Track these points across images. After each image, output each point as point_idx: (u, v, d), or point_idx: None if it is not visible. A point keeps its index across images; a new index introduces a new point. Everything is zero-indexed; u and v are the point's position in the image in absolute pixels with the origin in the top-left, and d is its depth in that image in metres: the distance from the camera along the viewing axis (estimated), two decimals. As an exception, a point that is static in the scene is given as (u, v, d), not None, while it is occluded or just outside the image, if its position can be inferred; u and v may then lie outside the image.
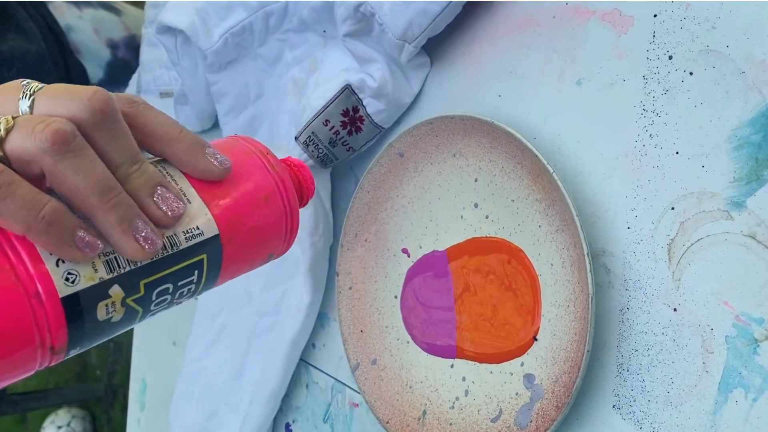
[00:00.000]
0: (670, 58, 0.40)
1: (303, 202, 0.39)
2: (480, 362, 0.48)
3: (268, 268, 0.65)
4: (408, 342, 0.54)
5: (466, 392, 0.49)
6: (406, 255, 0.55)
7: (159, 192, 0.29)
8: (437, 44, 0.53)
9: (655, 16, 0.41)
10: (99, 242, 0.28)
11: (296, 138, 0.56)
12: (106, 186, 0.27)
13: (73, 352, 0.29)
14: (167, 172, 0.31)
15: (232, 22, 0.63)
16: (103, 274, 0.28)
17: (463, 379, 0.49)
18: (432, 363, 0.52)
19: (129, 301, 0.29)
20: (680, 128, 0.40)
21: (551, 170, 0.41)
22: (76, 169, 0.26)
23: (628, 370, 0.42)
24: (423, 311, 0.53)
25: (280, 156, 0.57)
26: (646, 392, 0.41)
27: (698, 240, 0.39)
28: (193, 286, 0.32)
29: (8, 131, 0.26)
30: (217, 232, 0.31)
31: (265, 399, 0.64)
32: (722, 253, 0.38)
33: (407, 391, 0.52)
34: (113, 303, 0.28)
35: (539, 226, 0.45)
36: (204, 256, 0.31)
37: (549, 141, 0.46)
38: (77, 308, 0.27)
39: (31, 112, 0.28)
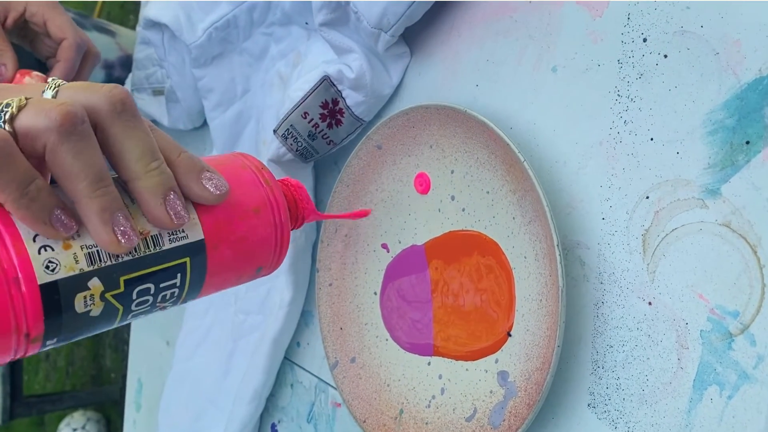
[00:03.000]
0: (645, 40, 0.38)
1: (299, 223, 0.39)
2: (456, 359, 0.47)
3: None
4: (387, 339, 0.52)
5: (443, 390, 0.47)
6: (385, 250, 0.53)
7: (171, 197, 0.30)
8: (416, 34, 0.52)
9: (629, -3, 0.39)
10: (74, 224, 0.28)
11: (275, 131, 0.55)
12: (98, 176, 0.28)
13: (50, 344, 0.29)
14: None
15: (216, 16, 0.62)
16: (83, 265, 0.28)
17: (440, 377, 0.48)
18: (409, 361, 0.50)
19: (108, 296, 0.29)
20: (655, 113, 0.38)
21: (522, 159, 0.40)
22: (77, 153, 0.27)
23: (603, 367, 0.40)
24: (407, 311, 0.51)
25: (269, 152, 0.57)
26: (621, 390, 0.39)
27: (673, 230, 0.37)
28: (176, 290, 0.32)
29: (20, 109, 0.27)
30: (202, 237, 0.32)
31: (248, 398, 0.63)
32: (697, 244, 0.36)
33: (385, 389, 0.51)
34: (92, 296, 0.29)
35: (513, 218, 0.43)
36: (187, 259, 0.31)
37: (525, 130, 0.45)
38: (55, 297, 0.27)
39: None
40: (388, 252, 0.53)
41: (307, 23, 0.58)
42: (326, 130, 0.55)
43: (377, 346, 0.53)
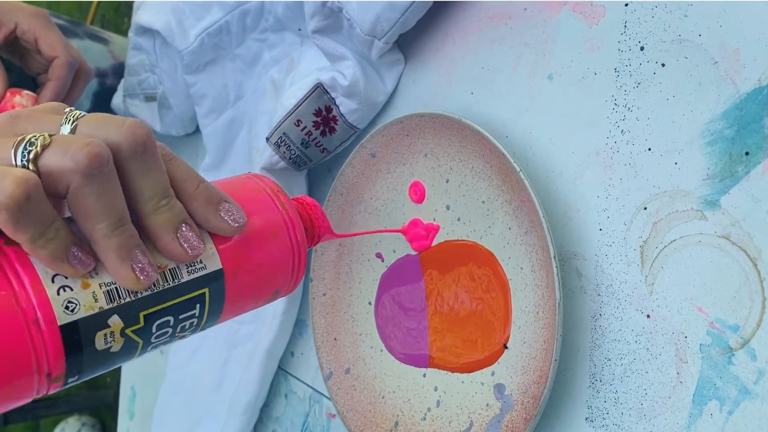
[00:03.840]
0: (642, 49, 0.38)
1: (315, 241, 0.39)
2: (452, 371, 0.46)
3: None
4: (382, 350, 0.52)
5: (438, 403, 0.47)
6: (380, 260, 0.53)
7: (183, 229, 0.30)
8: (410, 41, 0.51)
9: (626, 5, 0.39)
10: (91, 260, 0.28)
11: (267, 139, 0.54)
12: (118, 216, 0.28)
13: (72, 381, 0.29)
14: None
15: (208, 22, 0.61)
16: (103, 303, 0.28)
17: (435, 389, 0.47)
18: (405, 372, 0.50)
19: (128, 331, 0.29)
20: (652, 123, 0.37)
21: (518, 169, 0.39)
22: (100, 194, 0.27)
23: (601, 381, 0.39)
24: (402, 320, 0.51)
25: (261, 160, 0.56)
26: (620, 404, 0.38)
27: (671, 242, 0.36)
28: (195, 320, 0.32)
29: (44, 147, 0.27)
30: (220, 267, 0.32)
31: (241, 409, 0.62)
32: (696, 256, 0.35)
33: (380, 401, 0.50)
34: (112, 333, 0.29)
35: (509, 228, 0.43)
36: (206, 290, 0.31)
37: (521, 139, 0.44)
38: (75, 336, 0.27)
39: None
40: (383, 261, 0.52)
41: (300, 30, 0.58)
42: (320, 137, 0.54)
43: (372, 357, 0.52)
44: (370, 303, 0.53)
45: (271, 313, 0.59)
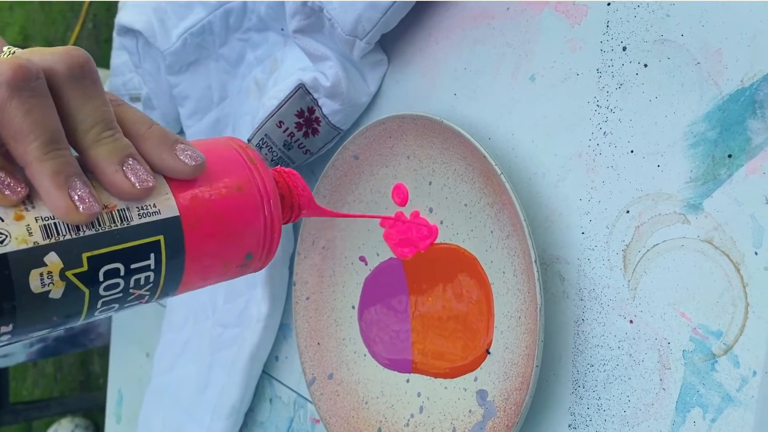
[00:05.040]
0: (624, 49, 0.37)
1: (296, 212, 0.37)
2: (435, 377, 0.45)
3: (230, 277, 0.62)
4: (365, 355, 0.51)
5: (421, 409, 0.46)
6: (363, 263, 0.52)
7: (130, 162, 0.28)
8: (393, 41, 0.51)
9: (608, 4, 0.38)
10: (22, 187, 0.26)
11: (249, 140, 0.53)
12: (52, 137, 0.26)
13: (6, 330, 0.26)
14: None
15: (190, 22, 0.60)
16: (38, 238, 0.25)
17: (419, 394, 0.46)
18: (388, 377, 0.49)
19: (69, 274, 0.26)
20: (635, 125, 0.37)
21: (499, 171, 0.38)
22: (27, 110, 0.25)
23: (584, 387, 0.38)
24: (385, 324, 0.50)
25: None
26: (603, 411, 0.37)
27: (654, 246, 0.35)
28: (151, 274, 0.29)
29: None
30: (177, 213, 0.29)
31: (225, 413, 0.61)
32: (679, 260, 0.35)
33: (363, 407, 0.50)
34: (50, 273, 0.26)
35: (491, 232, 0.42)
36: (160, 237, 0.29)
37: (503, 141, 0.43)
38: (5, 272, 0.25)
39: None
40: (366, 265, 0.51)
41: (283, 29, 0.57)
42: (302, 139, 0.53)
43: (355, 362, 0.51)
44: (353, 307, 0.52)
45: (255, 317, 0.58)
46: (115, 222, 0.27)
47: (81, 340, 1.65)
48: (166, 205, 0.29)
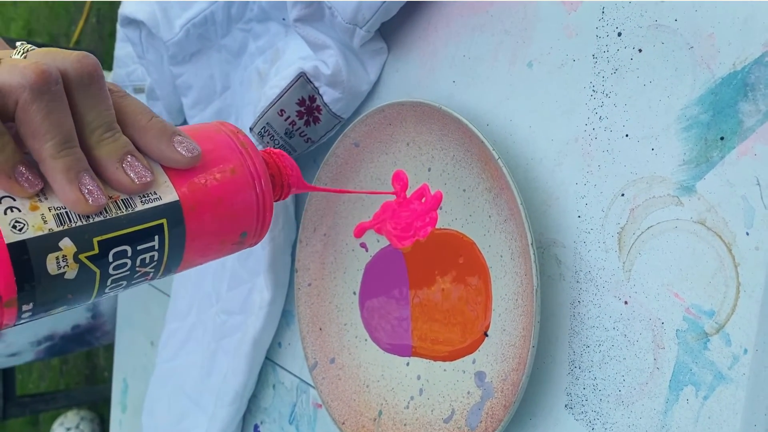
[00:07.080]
0: (620, 35, 0.38)
1: (285, 191, 0.39)
2: (434, 360, 0.46)
3: (234, 265, 0.63)
4: (366, 340, 0.52)
5: (421, 391, 0.47)
6: (364, 249, 0.52)
7: (128, 159, 0.30)
8: (393, 29, 0.51)
9: (604, -9, 0.38)
10: (39, 181, 0.28)
11: (251, 129, 0.54)
12: (65, 138, 0.28)
13: (27, 309, 0.28)
14: None
15: (193, 12, 0.61)
16: (52, 225, 0.28)
17: (418, 377, 0.47)
18: (388, 361, 0.50)
19: (82, 257, 0.29)
20: (630, 109, 0.37)
21: (497, 157, 0.39)
22: (47, 113, 0.27)
23: (579, 368, 0.39)
24: (386, 310, 0.51)
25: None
26: (598, 391, 0.38)
27: (648, 228, 0.36)
28: (155, 254, 0.32)
29: None
30: (176, 198, 0.32)
31: (229, 399, 0.62)
32: (672, 242, 0.35)
33: (364, 390, 0.50)
34: (64, 257, 0.28)
35: (489, 217, 0.43)
36: (163, 221, 0.31)
37: (502, 127, 0.44)
38: (25, 257, 0.27)
39: None
40: (367, 251, 0.52)
41: (284, 19, 0.58)
42: (304, 127, 0.54)
43: (356, 347, 0.52)
44: (354, 293, 0.53)
45: (257, 304, 0.59)
46: (120, 209, 0.30)
47: (87, 338, 1.66)
48: (165, 192, 0.32)
